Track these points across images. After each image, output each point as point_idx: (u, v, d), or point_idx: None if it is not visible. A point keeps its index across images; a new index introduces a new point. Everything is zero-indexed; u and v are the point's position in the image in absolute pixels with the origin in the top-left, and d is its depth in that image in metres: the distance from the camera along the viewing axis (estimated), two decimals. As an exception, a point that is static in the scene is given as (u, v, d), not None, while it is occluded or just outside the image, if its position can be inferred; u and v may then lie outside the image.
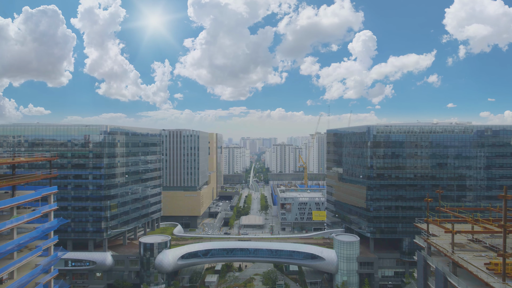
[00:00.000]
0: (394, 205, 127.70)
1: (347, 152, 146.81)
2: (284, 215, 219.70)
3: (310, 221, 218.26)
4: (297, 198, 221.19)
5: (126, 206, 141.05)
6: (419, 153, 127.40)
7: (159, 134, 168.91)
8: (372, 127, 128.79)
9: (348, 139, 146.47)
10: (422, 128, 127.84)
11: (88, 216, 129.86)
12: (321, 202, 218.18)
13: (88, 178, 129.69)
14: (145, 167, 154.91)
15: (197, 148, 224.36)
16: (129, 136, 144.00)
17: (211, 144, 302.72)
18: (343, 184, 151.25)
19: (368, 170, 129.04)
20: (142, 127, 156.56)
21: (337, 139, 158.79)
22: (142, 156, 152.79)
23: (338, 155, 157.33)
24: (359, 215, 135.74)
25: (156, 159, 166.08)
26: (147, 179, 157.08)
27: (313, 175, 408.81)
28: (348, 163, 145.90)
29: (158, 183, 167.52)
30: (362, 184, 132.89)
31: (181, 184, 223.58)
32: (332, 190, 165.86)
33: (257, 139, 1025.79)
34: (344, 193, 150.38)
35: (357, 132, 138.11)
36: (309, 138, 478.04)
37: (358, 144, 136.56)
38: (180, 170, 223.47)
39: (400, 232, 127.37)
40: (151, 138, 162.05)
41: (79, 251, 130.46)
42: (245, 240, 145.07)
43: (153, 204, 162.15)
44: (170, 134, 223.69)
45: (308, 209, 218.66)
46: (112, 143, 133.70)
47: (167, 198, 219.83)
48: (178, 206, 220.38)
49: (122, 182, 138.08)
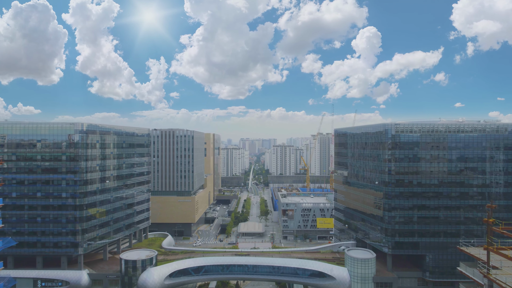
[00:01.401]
0: (416, 216, 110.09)
1: (359, 154, 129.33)
2: (286, 223, 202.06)
3: (315, 228, 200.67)
4: (300, 203, 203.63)
5: (107, 216, 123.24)
6: (444, 156, 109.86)
7: (147, 134, 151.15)
8: (390, 125, 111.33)
9: (360, 139, 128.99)
10: (448, 127, 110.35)
11: (61, 229, 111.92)
12: (326, 208, 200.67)
13: (61, 184, 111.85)
14: (130, 170, 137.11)
15: (191, 149, 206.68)
16: (111, 135, 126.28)
17: (207, 145, 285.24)
18: (354, 190, 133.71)
19: (386, 175, 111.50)
20: (128, 126, 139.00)
21: (347, 140, 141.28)
22: (127, 158, 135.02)
23: (347, 158, 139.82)
24: (374, 226, 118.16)
25: (144, 161, 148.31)
26: (133, 185, 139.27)
27: (315, 177, 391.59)
28: (360, 166, 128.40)
29: (146, 189, 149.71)
30: (378, 191, 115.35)
31: (174, 188, 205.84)
32: (340, 196, 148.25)
33: (256, 140, 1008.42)
34: (355, 201, 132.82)
35: (371, 132, 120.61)
36: (311, 139, 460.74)
37: (373, 145, 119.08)
38: (173, 173, 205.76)
39: (423, 247, 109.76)
40: (138, 138, 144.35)
41: (50, 268, 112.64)
42: (243, 254, 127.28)
43: (140, 212, 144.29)
44: (162, 134, 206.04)
45: (312, 216, 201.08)
46: (90, 143, 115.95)
47: (159, 203, 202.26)
48: (170, 213, 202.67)
49: (102, 188, 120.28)
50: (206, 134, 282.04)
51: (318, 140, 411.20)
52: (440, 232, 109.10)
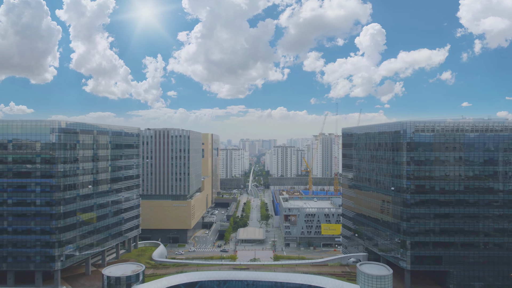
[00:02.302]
0: (439, 226, 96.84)
1: (371, 156, 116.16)
2: (288, 229, 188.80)
3: (319, 235, 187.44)
4: (303, 208, 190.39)
5: (89, 225, 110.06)
6: (470, 158, 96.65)
7: (136, 134, 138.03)
8: (409, 124, 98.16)
9: (372, 140, 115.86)
10: (475, 125, 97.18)
11: (34, 241, 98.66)
12: (332, 214, 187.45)
13: (35, 190, 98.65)
14: (117, 174, 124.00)
15: (187, 150, 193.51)
16: (95, 135, 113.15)
17: (205, 145, 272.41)
18: (365, 196, 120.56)
19: (403, 180, 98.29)
20: (114, 125, 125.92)
21: (356, 140, 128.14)
22: (113, 160, 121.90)
23: (357, 160, 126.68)
24: (389, 238, 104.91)
25: (134, 163, 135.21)
26: (120, 190, 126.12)
27: (317, 179, 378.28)
28: (372, 170, 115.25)
29: (136, 194, 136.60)
30: (394, 198, 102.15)
31: (168, 192, 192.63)
32: (349, 202, 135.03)
33: (256, 141, 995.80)
34: (366, 207, 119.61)
35: (386, 131, 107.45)
36: (313, 140, 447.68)
37: (388, 146, 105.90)
38: (167, 176, 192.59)
39: (446, 262, 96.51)
40: (127, 138, 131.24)
41: (22, 285, 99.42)
42: (241, 268, 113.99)
43: (128, 220, 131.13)
44: (156, 134, 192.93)
45: (316, 222, 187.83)
46: (69, 144, 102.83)
47: (152, 208, 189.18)
48: (165, 218, 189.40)
49: (83, 194, 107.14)
50: (204, 134, 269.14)
51: (320, 141, 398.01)
52: (466, 245, 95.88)
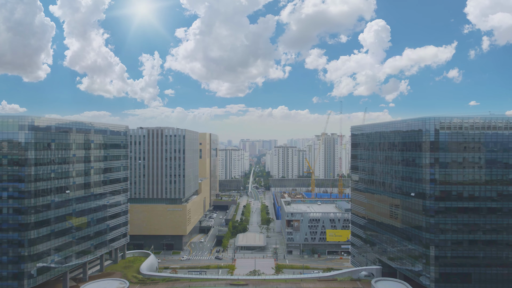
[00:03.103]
0: (468, 239, 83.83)
1: (385, 157, 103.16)
2: (291, 235, 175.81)
3: (324, 242, 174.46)
4: (307, 213, 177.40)
5: (67, 236, 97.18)
6: (504, 160, 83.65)
7: (124, 132, 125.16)
8: (432, 120, 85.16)
9: (387, 138, 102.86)
10: (510, 123, 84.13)
11: (1, 254, 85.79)
12: (337, 219, 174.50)
13: (1, 196, 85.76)
14: (101, 177, 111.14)
15: (182, 150, 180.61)
16: (74, 134, 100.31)
17: (203, 145, 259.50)
18: (378, 201, 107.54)
19: (426, 184, 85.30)
20: (98, 122, 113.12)
21: (367, 140, 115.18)
22: (96, 162, 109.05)
23: (369, 161, 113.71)
24: (408, 250, 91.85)
25: (121, 165, 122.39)
26: (105, 194, 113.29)
27: (319, 181, 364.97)
28: (387, 172, 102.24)
29: (123, 199, 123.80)
30: (414, 205, 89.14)
31: (162, 195, 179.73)
32: (359, 208, 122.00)
33: (256, 141, 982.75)
34: (380, 215, 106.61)
35: (405, 130, 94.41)
36: (315, 140, 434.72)
37: (407, 146, 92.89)
38: (161, 178, 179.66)
39: (476, 280, 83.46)
40: (113, 137, 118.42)
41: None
42: (239, 284, 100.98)
43: (114, 228, 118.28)
44: (149, 134, 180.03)
45: (321, 227, 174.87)
46: (43, 143, 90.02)
47: (145, 213, 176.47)
48: (158, 223, 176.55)
49: (59, 200, 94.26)
50: (202, 134, 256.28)
51: (323, 141, 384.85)
52: (500, 261, 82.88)
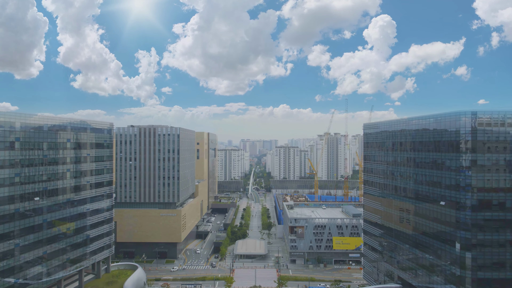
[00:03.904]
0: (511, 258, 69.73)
1: (408, 158, 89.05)
2: (295, 243, 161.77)
3: (330, 250, 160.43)
4: (312, 219, 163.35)
5: (36, 250, 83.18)
6: (555, 163, 69.50)
7: (108, 130, 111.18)
8: (468, 115, 70.99)
9: (410, 137, 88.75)
10: (562, 117, 69.98)
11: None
12: (345, 225, 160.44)
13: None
14: (79, 181, 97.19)
15: (176, 150, 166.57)
16: (45, 131, 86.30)
17: (200, 145, 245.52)
18: (398, 210, 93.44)
19: (460, 192, 71.17)
20: (77, 118, 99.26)
21: (385, 139, 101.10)
22: (73, 163, 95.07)
23: (386, 164, 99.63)
24: (437, 269, 77.67)
25: (104, 167, 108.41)
26: (84, 201, 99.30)
27: (322, 182, 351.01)
28: (409, 177, 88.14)
29: (107, 205, 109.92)
30: (445, 217, 75.02)
31: (155, 199, 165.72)
32: (373, 217, 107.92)
33: (257, 141, 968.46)
34: (400, 225, 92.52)
35: (432, 127, 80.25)
36: (317, 140, 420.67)
37: (436, 145, 78.78)
38: (154, 181, 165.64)
39: (523, 308, 69.35)
40: (94, 136, 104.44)
41: None
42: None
43: (96, 239, 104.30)
44: (141, 132, 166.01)
45: (327, 234, 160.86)
46: (3, 142, 76.09)
47: (137, 218, 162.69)
48: (151, 230, 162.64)
49: (25, 209, 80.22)
50: (199, 133, 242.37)
51: (326, 141, 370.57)
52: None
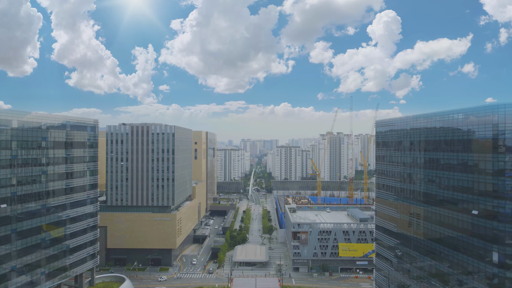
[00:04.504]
0: None
1: (430, 160, 78.09)
2: (298, 249, 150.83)
3: (336, 257, 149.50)
4: (316, 224, 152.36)
5: (2, 266, 72.24)
6: None
7: (92, 127, 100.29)
8: (509, 108, 59.88)
9: (433, 135, 77.72)
10: None
11: None
12: (352, 230, 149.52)
13: None
14: (57, 184, 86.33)
15: (171, 150, 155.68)
16: (16, 128, 75.44)
17: (198, 145, 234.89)
18: (418, 219, 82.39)
19: (498, 201, 60.12)
20: (55, 114, 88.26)
21: (402, 137, 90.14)
22: (50, 165, 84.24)
23: (404, 165, 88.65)
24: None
25: (87, 169, 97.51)
26: (64, 207, 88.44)
27: (325, 183, 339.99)
28: (432, 181, 77.15)
29: (91, 211, 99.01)
30: (479, 228, 63.97)
31: (148, 202, 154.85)
32: (389, 225, 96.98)
33: (257, 141, 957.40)
34: (421, 236, 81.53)
35: (462, 125, 69.17)
36: (319, 139, 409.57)
37: (465, 145, 67.76)
38: (147, 183, 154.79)
39: None
40: (76, 134, 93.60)
41: None
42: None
43: (77, 249, 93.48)
44: (133, 131, 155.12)
45: (332, 240, 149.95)
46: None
47: (128, 223, 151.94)
48: (144, 235, 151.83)
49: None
50: (197, 132, 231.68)
51: (329, 141, 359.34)
52: None
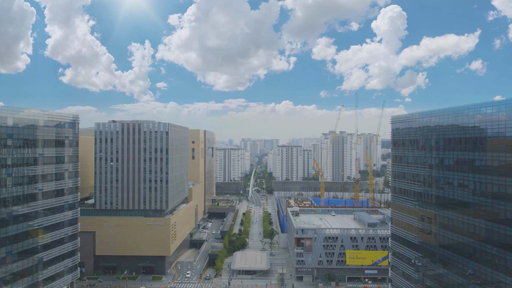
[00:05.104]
0: None
1: (462, 161, 66.48)
2: (301, 257, 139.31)
3: (343, 266, 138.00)
4: (322, 229, 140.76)
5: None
6: None
7: (71, 124, 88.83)
8: None
9: (465, 132, 66.19)
10: None
11: None
12: (360, 237, 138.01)
13: None
14: (27, 189, 74.85)
15: (165, 149, 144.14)
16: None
17: (196, 144, 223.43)
18: (446, 231, 70.89)
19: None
20: (25, 108, 76.86)
21: (425, 135, 78.59)
22: (17, 167, 72.79)
23: (429, 167, 77.07)
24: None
25: (65, 171, 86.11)
26: (36, 214, 76.99)
27: (327, 184, 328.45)
28: (465, 185, 65.65)
29: (70, 218, 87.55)
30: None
31: (140, 206, 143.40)
32: (407, 235, 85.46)
33: (258, 141, 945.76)
34: (450, 251, 69.92)
35: (504, 120, 57.65)
36: (322, 138, 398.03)
37: (509, 144, 56.24)
38: (138, 185, 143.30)
39: None
40: (50, 131, 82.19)
41: None
42: None
43: (52, 262, 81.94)
44: (124, 129, 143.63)
45: (339, 247, 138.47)
46: None
47: (118, 228, 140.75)
48: (135, 241, 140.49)
49: None
50: (194, 131, 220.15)
51: (332, 140, 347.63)
52: None
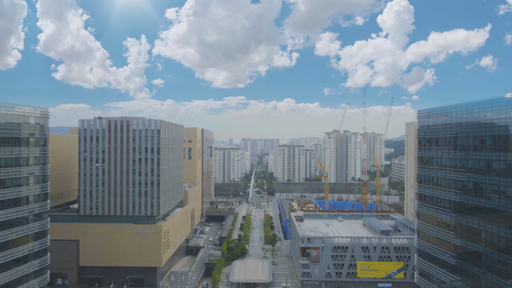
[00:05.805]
0: None
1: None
2: (307, 268, 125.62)
3: (354, 278, 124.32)
4: (330, 238, 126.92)
5: None
6: None
7: (38, 119, 74.98)
8: None
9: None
10: None
11: None
12: (372, 246, 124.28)
13: None
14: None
15: (156, 149, 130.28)
16: None
17: (193, 143, 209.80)
18: (493, 249, 56.89)
19: None
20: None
21: (464, 132, 64.63)
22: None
23: (469, 171, 63.10)
24: None
25: (29, 175, 72.45)
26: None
27: (331, 185, 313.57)
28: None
29: (36, 231, 73.84)
30: None
31: (128, 212, 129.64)
32: (439, 252, 71.47)
33: (258, 140, 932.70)
34: (497, 274, 55.96)
35: None
36: (325, 138, 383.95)
37: None
38: (126, 188, 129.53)
39: None
40: (9, 128, 68.49)
41: None
42: None
43: (11, 285, 68.12)
44: (111, 126, 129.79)
45: (349, 258, 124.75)
46: None
47: (104, 236, 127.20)
48: (123, 251, 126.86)
49: None
50: (191, 129, 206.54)
51: (336, 139, 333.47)
52: None
